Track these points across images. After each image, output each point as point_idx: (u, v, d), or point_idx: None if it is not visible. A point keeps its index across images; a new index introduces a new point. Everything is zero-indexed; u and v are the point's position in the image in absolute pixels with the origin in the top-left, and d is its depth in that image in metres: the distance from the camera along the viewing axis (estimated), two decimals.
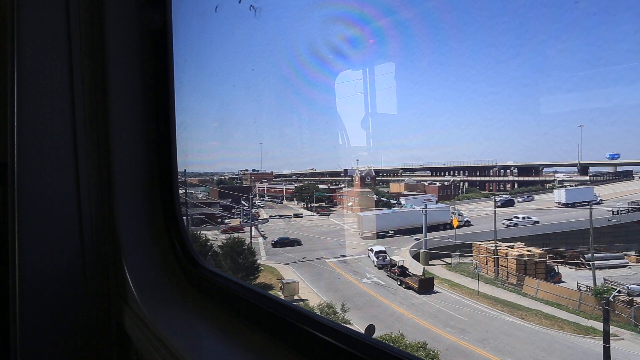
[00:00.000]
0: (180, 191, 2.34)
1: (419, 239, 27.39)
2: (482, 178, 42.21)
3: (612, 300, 16.47)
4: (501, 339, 16.32)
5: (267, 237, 31.50)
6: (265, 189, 46.51)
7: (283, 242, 28.98)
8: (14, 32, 1.75)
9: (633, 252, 23.19)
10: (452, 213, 29.84)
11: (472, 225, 28.31)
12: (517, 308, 18.83)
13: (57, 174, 1.85)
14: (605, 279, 19.61)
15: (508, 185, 40.66)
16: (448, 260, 25.80)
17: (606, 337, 13.51)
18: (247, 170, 47.83)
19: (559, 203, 28.88)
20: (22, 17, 1.75)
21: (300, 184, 45.31)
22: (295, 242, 28.81)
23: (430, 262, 25.76)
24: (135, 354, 1.89)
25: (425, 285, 21.28)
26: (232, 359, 1.39)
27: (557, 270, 21.95)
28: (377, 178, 42.48)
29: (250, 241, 26.89)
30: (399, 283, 22.19)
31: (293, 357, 1.28)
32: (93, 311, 1.93)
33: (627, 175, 33.21)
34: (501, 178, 41.40)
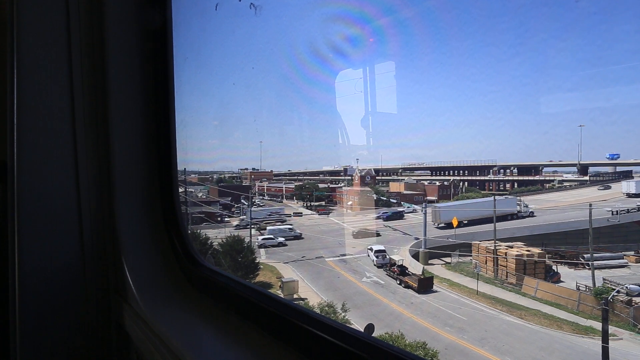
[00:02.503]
0: (180, 190, 2.34)
1: (419, 238, 27.47)
2: (482, 178, 42.23)
3: (611, 300, 16.49)
4: (500, 339, 16.34)
5: None
6: (265, 187, 46.52)
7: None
8: (13, 31, 1.74)
9: (632, 252, 23.22)
10: (518, 204, 30.54)
11: (535, 216, 28.59)
12: (516, 307, 18.85)
13: (56, 172, 1.85)
14: (604, 279, 19.63)
15: (508, 185, 40.69)
16: (447, 259, 25.81)
17: (605, 336, 13.53)
18: (247, 168, 47.86)
19: (628, 194, 29.20)
20: (22, 15, 1.75)
21: (300, 183, 45.34)
22: (376, 233, 30.30)
23: (430, 262, 25.78)
24: (135, 353, 1.89)
25: (425, 285, 21.29)
26: (232, 356, 1.39)
27: (556, 270, 21.97)
28: (376, 177, 42.50)
29: (250, 240, 26.92)
30: (398, 282, 22.21)
31: (292, 355, 1.28)
32: (93, 310, 1.93)
33: (627, 176, 33.20)
34: (501, 178, 41.42)
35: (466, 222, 28.80)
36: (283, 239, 29.48)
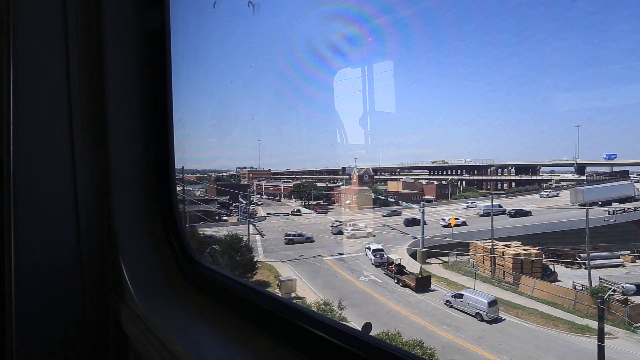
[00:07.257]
0: (178, 188, 2.33)
1: (417, 237, 27.52)
2: (480, 177, 42.36)
3: (607, 299, 16.59)
4: (497, 337, 16.41)
5: (264, 235, 31.47)
6: (263, 186, 46.47)
7: (521, 213, 30.99)
8: (9, 26, 1.73)
9: (628, 252, 23.37)
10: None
11: None
12: (513, 306, 18.93)
13: (53, 169, 1.83)
14: (600, 278, 19.75)
15: (505, 185, 40.83)
16: (445, 258, 25.89)
17: (601, 335, 13.61)
18: (245, 167, 47.78)
19: None
20: (19, 10, 1.74)
21: (298, 182, 45.34)
22: (506, 212, 30.84)
23: (428, 261, 25.84)
24: (133, 352, 1.89)
25: (422, 284, 21.35)
26: (230, 355, 1.39)
27: (553, 269, 22.10)
28: (374, 176, 42.55)
29: (248, 238, 26.89)
30: (396, 281, 22.26)
31: (290, 354, 1.28)
32: (90, 308, 1.92)
33: (624, 176, 33.40)
34: (498, 177, 41.56)
35: (600, 202, 29.54)
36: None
